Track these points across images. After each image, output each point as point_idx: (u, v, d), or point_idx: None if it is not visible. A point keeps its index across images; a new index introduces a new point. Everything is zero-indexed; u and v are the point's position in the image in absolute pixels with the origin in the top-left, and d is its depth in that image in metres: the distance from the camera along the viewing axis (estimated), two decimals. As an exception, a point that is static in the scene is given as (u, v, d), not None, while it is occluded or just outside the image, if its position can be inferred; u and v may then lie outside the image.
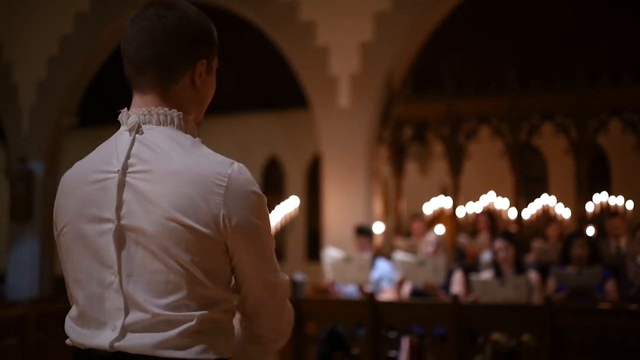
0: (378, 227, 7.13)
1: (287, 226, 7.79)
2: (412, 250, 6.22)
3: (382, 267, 5.44)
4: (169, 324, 1.31)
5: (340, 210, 7.33)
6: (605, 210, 8.30)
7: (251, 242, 1.37)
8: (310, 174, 10.85)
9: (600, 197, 8.52)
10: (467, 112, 7.45)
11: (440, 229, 6.75)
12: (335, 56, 7.60)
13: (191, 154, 1.35)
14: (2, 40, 8.76)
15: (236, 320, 1.46)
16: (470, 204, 8.96)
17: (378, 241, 7.04)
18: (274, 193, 10.95)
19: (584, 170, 7.11)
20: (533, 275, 5.03)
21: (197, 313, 1.32)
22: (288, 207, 7.51)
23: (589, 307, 4.52)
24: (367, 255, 5.26)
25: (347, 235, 6.57)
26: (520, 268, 5.01)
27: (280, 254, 11.27)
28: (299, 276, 5.39)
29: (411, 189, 9.46)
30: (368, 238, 5.54)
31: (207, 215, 1.31)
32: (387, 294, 5.29)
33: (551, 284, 5.11)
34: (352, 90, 7.53)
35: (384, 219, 7.62)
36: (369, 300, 4.68)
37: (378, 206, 7.51)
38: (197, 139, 1.42)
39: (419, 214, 7.62)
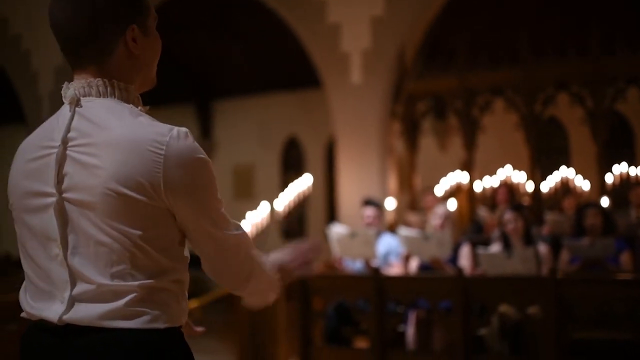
0: (390, 203, 7.12)
1: (303, 204, 7.82)
2: (423, 224, 6.19)
3: (390, 241, 5.43)
4: (115, 294, 1.33)
5: (354, 186, 7.34)
6: (626, 181, 8.13)
7: (194, 207, 1.36)
8: (329, 152, 10.84)
9: (620, 168, 8.34)
10: (481, 84, 7.35)
11: (451, 203, 6.71)
12: (346, 33, 7.56)
13: (130, 123, 1.34)
14: (20, 31, 8.92)
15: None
16: (487, 177, 8.86)
17: (390, 216, 7.03)
18: (294, 172, 10.99)
19: (602, 141, 6.97)
20: (542, 248, 4.98)
21: (143, 282, 1.34)
22: (302, 184, 7.53)
23: (594, 278, 4.46)
24: (372, 230, 5.26)
25: (360, 212, 6.57)
26: (529, 240, 4.96)
27: (301, 232, 11.33)
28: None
29: (431, 165, 9.39)
30: (374, 210, 5.53)
31: (147, 184, 1.31)
32: (395, 269, 5.29)
33: (564, 255, 5.05)
34: (364, 67, 7.49)
35: (398, 195, 7.60)
36: (374, 275, 4.69)
37: (392, 182, 7.49)
38: (140, 108, 1.42)
39: (431, 188, 7.57)
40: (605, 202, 6.53)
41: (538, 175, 7.36)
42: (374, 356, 4.64)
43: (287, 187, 7.88)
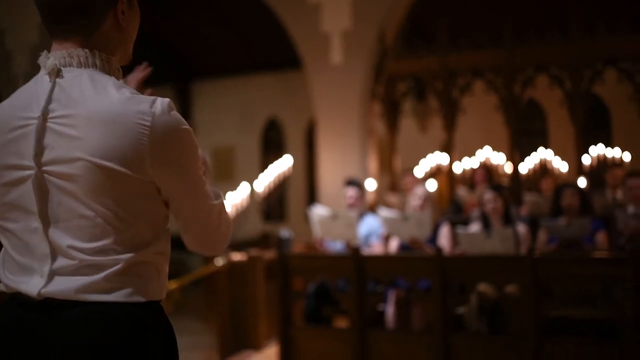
0: (371, 184, 7.13)
1: (284, 185, 7.81)
2: (402, 205, 6.22)
3: (371, 222, 5.45)
4: (96, 268, 1.31)
5: (334, 167, 7.34)
6: (603, 163, 8.23)
7: (181, 177, 1.36)
8: (309, 134, 10.82)
9: (597, 150, 8.43)
10: (461, 66, 7.35)
11: (431, 184, 6.74)
12: (326, 13, 7.52)
13: (113, 95, 1.32)
14: (-6, 11, 8.74)
15: None
16: (466, 159, 8.91)
17: (371, 197, 7.05)
18: (275, 154, 10.96)
19: (579, 122, 7.03)
20: (521, 228, 5.03)
21: (124, 256, 1.32)
22: (282, 166, 7.52)
23: (572, 257, 4.51)
24: (353, 212, 5.27)
25: (341, 193, 6.58)
26: (508, 220, 5.01)
27: (281, 213, 11.33)
28: (284, 232, 5.42)
29: (410, 146, 9.41)
30: (356, 190, 5.53)
31: (131, 157, 1.29)
32: (375, 249, 5.31)
33: (542, 235, 5.10)
34: (345, 47, 7.45)
35: (379, 176, 7.62)
36: (354, 254, 4.70)
37: (372, 163, 7.50)
38: (121, 80, 1.40)
39: (410, 169, 7.60)
40: (582, 182, 6.60)
41: (517, 156, 7.41)
42: (354, 335, 4.67)
43: (267, 168, 7.86)
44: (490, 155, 8.92)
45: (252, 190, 6.99)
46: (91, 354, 1.28)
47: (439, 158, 8.92)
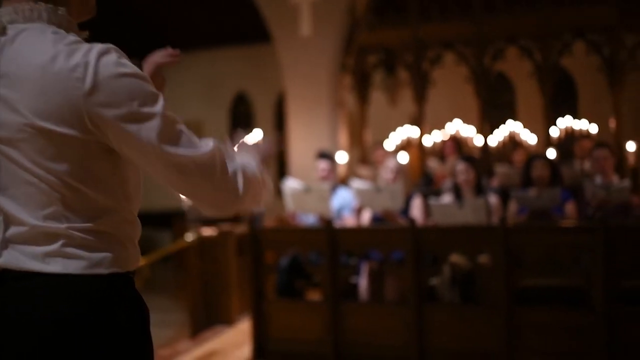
0: (341, 157, 7.09)
1: (253, 160, 7.71)
2: (374, 178, 6.19)
3: (344, 195, 5.41)
4: (49, 237, 1.24)
5: (305, 140, 7.27)
6: (570, 135, 8.32)
7: (131, 135, 1.20)
8: (280, 108, 10.72)
9: (565, 122, 8.52)
10: (432, 37, 7.32)
11: (402, 157, 6.73)
12: (295, -17, 7.38)
13: (48, 49, 1.21)
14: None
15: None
16: (436, 132, 8.92)
17: (342, 170, 7.01)
18: (244, 128, 10.84)
19: (548, 94, 7.07)
20: (493, 199, 5.04)
21: (80, 225, 1.25)
22: (252, 140, 7.41)
23: (543, 227, 4.55)
24: (326, 185, 5.22)
25: (312, 166, 6.52)
26: (480, 191, 5.02)
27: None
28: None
29: (380, 120, 9.39)
30: (328, 163, 5.48)
31: (69, 115, 1.19)
32: (348, 222, 5.28)
33: (512, 206, 5.12)
34: (314, 19, 7.35)
35: (349, 149, 7.58)
36: (327, 227, 4.66)
37: (343, 136, 7.45)
38: (73, 33, 1.28)
39: (381, 143, 7.58)
40: (552, 154, 6.65)
41: (487, 128, 7.44)
42: (327, 308, 4.65)
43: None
44: (460, 128, 8.95)
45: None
46: (45, 328, 1.21)
47: (409, 131, 8.91)
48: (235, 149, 1.43)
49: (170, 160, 1.23)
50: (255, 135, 7.59)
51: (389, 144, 8.37)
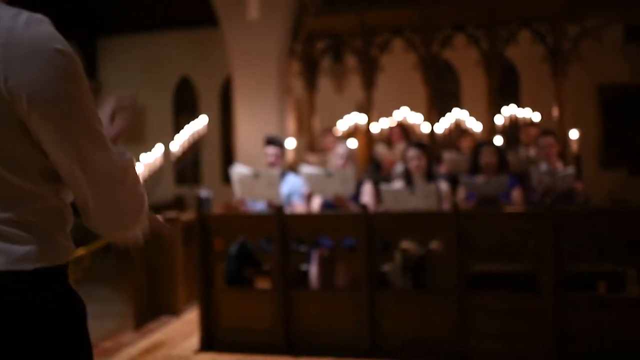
0: (290, 143, 7.00)
1: (199, 145, 7.53)
2: (323, 165, 6.12)
3: (293, 181, 5.32)
4: None
5: (252, 126, 7.13)
6: (514, 123, 8.46)
7: (54, 117, 1.07)
8: (225, 93, 10.52)
9: (509, 110, 8.65)
10: (380, 24, 7.28)
11: (351, 142, 6.68)
12: (242, -34, 7.20)
13: None
14: None
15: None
16: (383, 119, 8.92)
17: (290, 157, 6.92)
18: (188, 114, 10.60)
19: (494, 83, 7.15)
20: (443, 185, 5.05)
21: None
22: (197, 126, 7.23)
23: (493, 212, 4.58)
24: (275, 171, 5.12)
25: (259, 152, 6.39)
26: (430, 177, 5.01)
27: (196, 174, 11.03)
28: (203, 192, 5.20)
29: (327, 107, 9.32)
30: (277, 149, 5.37)
31: None
32: (298, 208, 5.20)
33: (461, 192, 5.15)
34: (262, 3, 7.19)
35: (297, 135, 7.49)
36: (277, 213, 4.56)
37: (291, 122, 7.35)
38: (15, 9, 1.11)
39: (330, 129, 7.52)
40: (499, 141, 6.74)
41: (434, 115, 7.47)
42: (277, 296, 4.57)
43: (180, 129, 7.55)
44: (407, 115, 8.98)
45: (166, 152, 6.68)
46: None
47: (356, 118, 8.88)
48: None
49: (87, 157, 1.12)
50: (201, 122, 7.41)
51: (337, 131, 8.32)
